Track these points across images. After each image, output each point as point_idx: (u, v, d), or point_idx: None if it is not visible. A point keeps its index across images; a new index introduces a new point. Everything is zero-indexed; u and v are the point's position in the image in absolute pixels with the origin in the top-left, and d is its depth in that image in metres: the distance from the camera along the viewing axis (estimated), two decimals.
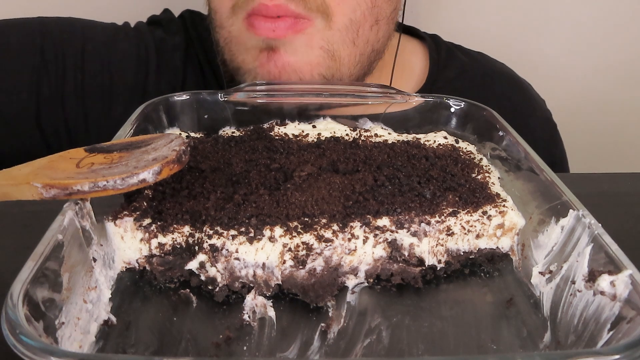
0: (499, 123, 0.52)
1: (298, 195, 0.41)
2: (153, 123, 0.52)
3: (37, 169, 0.36)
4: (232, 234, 0.38)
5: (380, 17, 0.61)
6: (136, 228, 0.39)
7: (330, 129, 0.55)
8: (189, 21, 0.75)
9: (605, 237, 0.35)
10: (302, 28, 0.57)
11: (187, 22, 0.75)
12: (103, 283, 0.37)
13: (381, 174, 0.45)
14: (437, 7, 1.01)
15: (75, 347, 0.32)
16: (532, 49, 1.04)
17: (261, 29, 0.57)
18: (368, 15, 0.60)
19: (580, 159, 0.90)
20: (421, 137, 0.55)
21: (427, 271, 0.41)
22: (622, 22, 1.03)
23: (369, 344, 0.35)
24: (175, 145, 0.40)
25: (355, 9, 0.58)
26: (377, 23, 0.62)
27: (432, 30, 0.82)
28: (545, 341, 0.35)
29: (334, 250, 0.39)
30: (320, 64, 0.59)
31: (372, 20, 0.61)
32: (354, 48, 0.61)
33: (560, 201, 0.39)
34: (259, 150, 0.49)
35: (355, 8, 0.58)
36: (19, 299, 0.28)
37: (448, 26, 0.97)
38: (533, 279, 0.40)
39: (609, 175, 0.60)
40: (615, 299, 0.32)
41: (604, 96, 1.10)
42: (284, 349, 0.34)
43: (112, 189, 0.35)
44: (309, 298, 0.38)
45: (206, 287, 0.39)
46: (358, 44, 0.61)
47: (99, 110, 0.68)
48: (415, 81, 0.74)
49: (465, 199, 0.43)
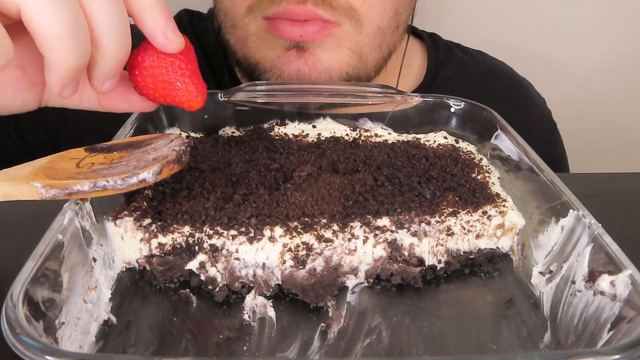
0: (499, 123, 0.52)
1: (298, 195, 0.41)
2: (153, 123, 0.52)
3: (37, 169, 0.36)
4: (232, 234, 0.38)
5: (400, 23, 0.63)
6: (136, 228, 0.39)
7: (330, 129, 0.55)
8: (186, 20, 0.75)
9: (605, 237, 0.35)
10: (331, 32, 0.57)
11: (184, 21, 0.75)
12: (103, 283, 0.37)
13: (381, 174, 0.45)
14: (439, 7, 1.01)
15: (75, 347, 0.32)
16: (533, 49, 1.04)
17: (287, 32, 0.56)
18: (392, 22, 0.61)
19: (580, 159, 0.90)
20: (421, 137, 0.55)
21: (427, 271, 0.41)
22: (623, 22, 1.03)
23: (369, 344, 0.35)
24: (175, 145, 0.39)
25: (382, 16, 0.59)
26: (397, 28, 0.63)
27: (433, 30, 0.82)
28: (545, 341, 0.35)
29: (334, 250, 0.39)
30: (349, 64, 0.60)
31: (394, 27, 0.62)
32: (379, 52, 0.62)
33: (560, 201, 0.39)
34: (259, 150, 0.49)
35: (383, 16, 0.59)
36: (19, 299, 0.28)
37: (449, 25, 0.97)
38: (533, 279, 0.40)
39: (609, 175, 0.60)
40: (615, 299, 0.32)
41: (604, 96, 1.10)
42: (284, 349, 0.34)
43: (112, 189, 0.35)
44: (309, 298, 0.38)
45: (206, 287, 0.39)
46: (383, 49, 0.62)
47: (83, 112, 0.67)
48: (413, 79, 0.74)
49: (465, 199, 0.43)
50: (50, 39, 0.33)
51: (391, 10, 0.60)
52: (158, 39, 0.38)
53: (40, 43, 0.34)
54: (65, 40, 0.33)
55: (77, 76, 0.36)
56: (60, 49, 0.33)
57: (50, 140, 0.67)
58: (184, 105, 0.41)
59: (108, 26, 0.35)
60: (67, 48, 0.34)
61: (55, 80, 0.36)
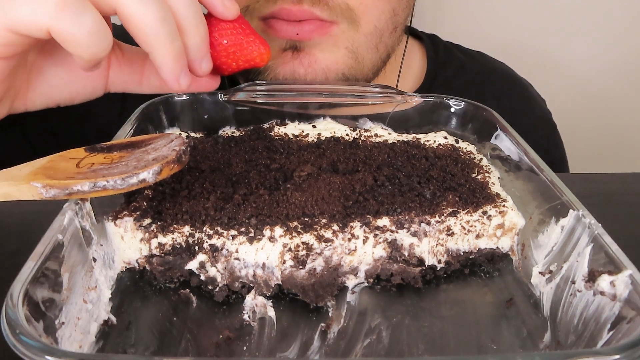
0: (499, 123, 0.52)
1: (298, 195, 0.41)
2: (153, 123, 0.52)
3: (37, 169, 0.36)
4: (232, 234, 0.38)
5: (397, 25, 0.62)
6: (136, 228, 0.39)
7: (330, 129, 0.55)
8: None
9: (605, 237, 0.35)
10: (327, 31, 0.57)
11: None
12: (103, 283, 0.37)
13: (381, 174, 0.45)
14: (438, 8, 1.01)
15: (75, 347, 0.32)
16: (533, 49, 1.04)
17: (283, 31, 0.56)
18: (390, 24, 0.61)
19: (580, 159, 0.90)
20: (421, 137, 0.55)
21: (427, 271, 0.41)
22: (623, 22, 1.03)
23: (369, 344, 0.35)
24: (175, 145, 0.40)
25: (380, 17, 0.59)
26: (395, 30, 0.63)
27: (433, 31, 0.82)
28: (545, 341, 0.35)
29: (334, 250, 0.39)
30: (345, 64, 0.60)
31: (392, 28, 0.62)
32: (376, 53, 0.62)
33: (560, 201, 0.39)
34: (259, 150, 0.49)
35: (380, 16, 0.59)
36: (19, 299, 0.28)
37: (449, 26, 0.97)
38: (533, 279, 0.40)
39: (609, 175, 0.60)
40: (615, 299, 0.32)
41: (604, 96, 1.10)
42: (284, 349, 0.34)
43: (112, 189, 0.35)
44: (309, 298, 0.38)
45: (206, 287, 0.39)
46: (380, 50, 0.62)
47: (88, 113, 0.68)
48: (413, 81, 0.74)
49: (465, 199, 0.43)
50: (150, 35, 0.39)
51: (389, 11, 0.60)
52: (218, 7, 0.44)
53: (144, 43, 0.40)
54: (162, 35, 0.39)
55: (183, 64, 0.42)
56: (159, 44, 0.39)
57: (54, 141, 0.67)
58: (256, 61, 0.47)
59: (186, 10, 0.41)
60: (165, 41, 0.39)
61: (167, 74, 0.41)
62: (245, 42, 0.45)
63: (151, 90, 0.49)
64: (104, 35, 0.38)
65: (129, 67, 0.48)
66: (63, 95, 0.48)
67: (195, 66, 0.43)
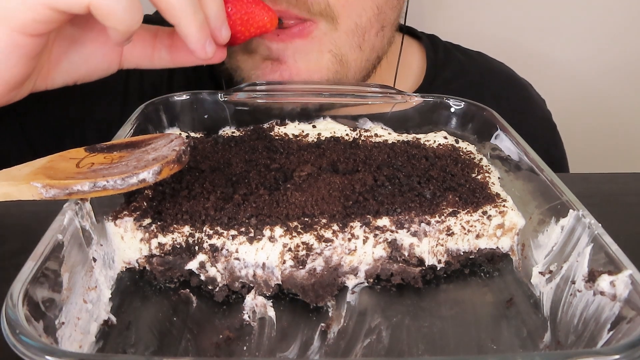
0: (499, 123, 0.52)
1: (298, 195, 0.41)
2: (153, 123, 0.52)
3: (37, 169, 0.36)
4: (232, 234, 0.38)
5: (385, 24, 0.62)
6: (136, 228, 0.39)
7: (330, 129, 0.55)
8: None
9: (605, 237, 0.35)
10: (308, 32, 0.57)
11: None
12: (103, 283, 0.37)
13: (381, 174, 0.45)
14: (437, 8, 1.02)
15: (75, 347, 0.32)
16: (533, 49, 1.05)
17: None
18: (374, 22, 0.60)
19: (580, 159, 0.90)
20: (421, 137, 0.55)
21: (427, 271, 0.41)
22: (623, 22, 1.03)
23: (369, 344, 0.35)
24: (175, 145, 0.40)
25: (361, 14, 0.58)
26: (383, 29, 0.62)
27: (432, 31, 0.82)
28: (545, 341, 0.35)
29: (334, 250, 0.39)
30: (330, 69, 0.59)
31: (378, 27, 0.61)
32: (361, 53, 0.61)
33: (560, 201, 0.39)
34: (259, 150, 0.49)
35: (361, 13, 0.58)
36: (19, 299, 0.28)
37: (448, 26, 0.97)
38: (533, 279, 0.40)
39: (609, 175, 0.60)
40: (615, 299, 0.32)
41: (603, 96, 1.10)
42: (284, 349, 0.34)
43: (112, 189, 0.35)
44: (309, 298, 0.38)
45: (206, 287, 0.39)
46: (364, 50, 0.61)
47: (81, 111, 0.68)
48: (412, 81, 0.74)
49: (465, 199, 0.43)
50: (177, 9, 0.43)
51: (371, 8, 0.58)
52: None
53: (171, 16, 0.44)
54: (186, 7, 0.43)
55: (207, 32, 0.46)
56: (184, 15, 0.44)
57: (54, 141, 0.67)
58: (267, 25, 0.52)
59: None
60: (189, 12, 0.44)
61: (194, 43, 0.45)
62: (255, 9, 0.51)
63: (162, 64, 0.52)
64: (138, 9, 0.42)
65: (141, 42, 0.51)
66: (81, 72, 0.50)
67: (217, 34, 0.47)
